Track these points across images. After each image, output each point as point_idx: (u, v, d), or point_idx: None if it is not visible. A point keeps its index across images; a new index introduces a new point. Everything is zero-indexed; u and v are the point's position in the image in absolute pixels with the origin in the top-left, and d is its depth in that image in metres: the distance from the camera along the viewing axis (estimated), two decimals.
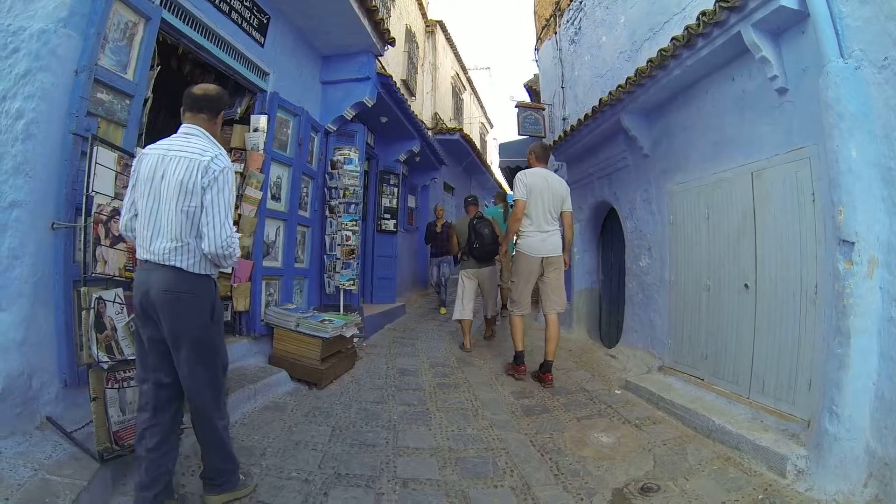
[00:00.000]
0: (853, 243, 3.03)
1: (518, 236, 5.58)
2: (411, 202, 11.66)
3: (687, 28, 4.42)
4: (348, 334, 5.69)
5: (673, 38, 4.65)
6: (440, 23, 15.58)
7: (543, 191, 5.46)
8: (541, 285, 5.64)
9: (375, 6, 6.25)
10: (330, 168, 6.99)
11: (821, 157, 3.39)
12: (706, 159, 4.83)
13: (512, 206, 6.02)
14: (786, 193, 3.81)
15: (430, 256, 10.47)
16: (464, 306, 7.00)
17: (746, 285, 4.17)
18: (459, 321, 7.17)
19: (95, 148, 2.96)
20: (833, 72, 3.22)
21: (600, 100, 6.43)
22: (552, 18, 10.50)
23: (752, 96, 4.19)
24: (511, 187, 14.61)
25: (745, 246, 4.22)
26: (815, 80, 3.37)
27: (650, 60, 5.07)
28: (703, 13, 4.19)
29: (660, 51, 4.87)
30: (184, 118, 2.79)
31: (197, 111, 2.77)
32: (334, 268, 6.93)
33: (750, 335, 4.11)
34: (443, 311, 10.24)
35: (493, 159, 22.04)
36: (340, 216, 6.96)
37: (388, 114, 8.22)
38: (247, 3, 5.13)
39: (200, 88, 2.82)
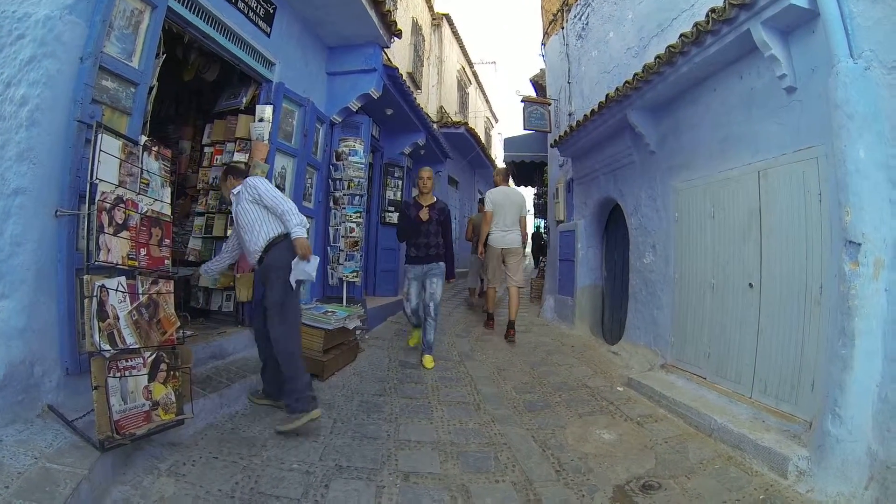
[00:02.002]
0: (859, 244, 3.01)
1: (488, 234, 7.72)
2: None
3: (696, 25, 4.39)
4: (351, 326, 5.69)
5: (681, 35, 4.62)
6: (446, 16, 15.51)
7: (504, 203, 7.65)
8: (505, 268, 7.74)
9: None
10: (335, 159, 6.97)
11: (828, 158, 3.37)
12: (713, 157, 4.80)
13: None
14: (792, 193, 3.78)
15: (408, 262, 6.09)
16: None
17: (751, 284, 4.15)
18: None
19: (100, 135, 2.93)
20: (842, 72, 3.20)
21: (607, 96, 6.39)
22: (559, 13, 10.44)
23: (761, 95, 4.16)
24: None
25: (751, 245, 4.20)
26: (825, 79, 3.35)
27: (658, 57, 5.04)
28: (713, 10, 4.15)
29: (668, 47, 4.84)
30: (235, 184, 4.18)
31: (240, 176, 4.27)
32: (338, 259, 6.93)
33: (753, 334, 4.10)
34: (428, 361, 5.87)
35: (497, 154, 22.03)
36: (344, 208, 6.94)
37: (393, 106, 8.19)
38: None
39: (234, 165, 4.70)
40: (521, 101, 10.94)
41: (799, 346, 3.64)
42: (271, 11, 5.43)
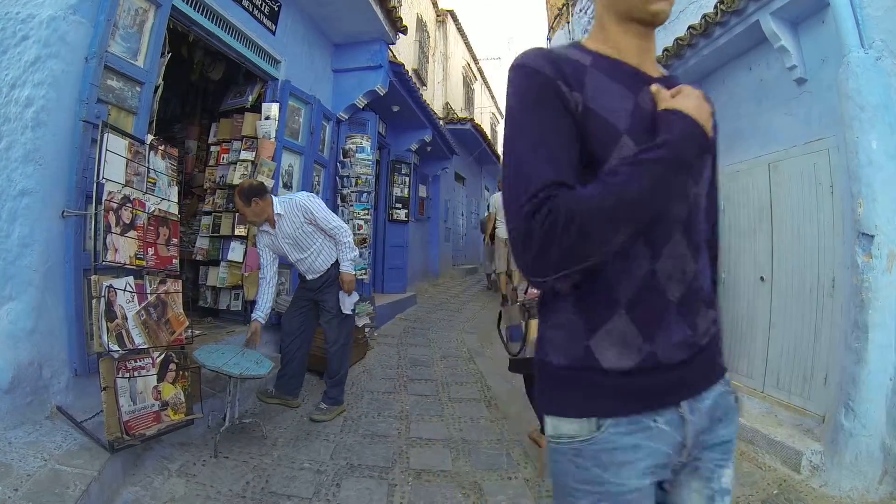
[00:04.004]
0: (873, 236, 2.98)
1: (495, 228, 9.27)
2: (422, 192, 11.57)
3: (704, 16, 4.35)
4: (360, 324, 5.68)
5: (689, 27, 4.58)
6: (451, 12, 15.45)
7: None
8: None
9: None
10: (342, 156, 6.96)
11: (840, 149, 3.33)
12: (721, 150, 4.74)
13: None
14: (803, 185, 3.75)
15: (625, 402, 0.98)
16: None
17: (762, 278, 4.12)
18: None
19: (106, 135, 2.92)
20: (853, 62, 3.15)
21: None
22: (564, 7, 10.38)
23: (770, 86, 4.12)
24: None
25: (761, 238, 4.16)
26: (835, 70, 3.30)
27: (666, 49, 5.00)
28: (721, 1, 4.11)
29: (676, 39, 4.80)
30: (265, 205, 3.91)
31: (262, 194, 3.92)
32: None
33: (765, 328, 4.06)
34: None
35: None
36: (352, 205, 6.94)
37: (399, 103, 8.16)
38: None
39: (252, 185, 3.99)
40: None
41: (811, 339, 3.61)
42: (276, 9, 5.41)
